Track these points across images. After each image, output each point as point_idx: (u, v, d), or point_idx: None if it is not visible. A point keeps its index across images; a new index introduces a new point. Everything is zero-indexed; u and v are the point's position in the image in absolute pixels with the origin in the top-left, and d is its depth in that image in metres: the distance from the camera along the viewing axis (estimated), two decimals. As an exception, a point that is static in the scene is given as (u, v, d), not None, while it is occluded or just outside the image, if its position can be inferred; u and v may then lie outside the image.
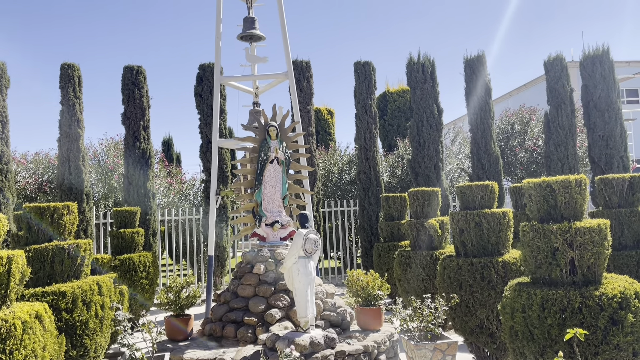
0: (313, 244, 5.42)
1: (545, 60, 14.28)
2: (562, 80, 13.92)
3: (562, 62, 14.05)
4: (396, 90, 24.93)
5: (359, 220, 14.45)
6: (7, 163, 12.06)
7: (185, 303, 6.08)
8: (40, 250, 5.69)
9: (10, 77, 12.37)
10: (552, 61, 14.12)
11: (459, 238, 6.36)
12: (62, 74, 12.89)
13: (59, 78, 12.88)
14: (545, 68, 14.27)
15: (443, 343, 5.24)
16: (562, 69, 13.99)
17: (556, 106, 13.87)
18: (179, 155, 29.76)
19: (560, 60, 14.07)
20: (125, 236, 10.03)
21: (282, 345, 5.08)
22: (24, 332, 3.91)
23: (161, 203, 16.47)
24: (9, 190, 12.00)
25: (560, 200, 4.59)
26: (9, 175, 12.06)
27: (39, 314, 4.21)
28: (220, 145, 9.38)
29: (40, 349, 4.07)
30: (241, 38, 9.54)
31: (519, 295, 4.57)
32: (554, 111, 13.90)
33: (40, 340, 4.09)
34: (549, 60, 14.20)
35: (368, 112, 14.50)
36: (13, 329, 3.82)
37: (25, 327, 3.94)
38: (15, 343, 3.82)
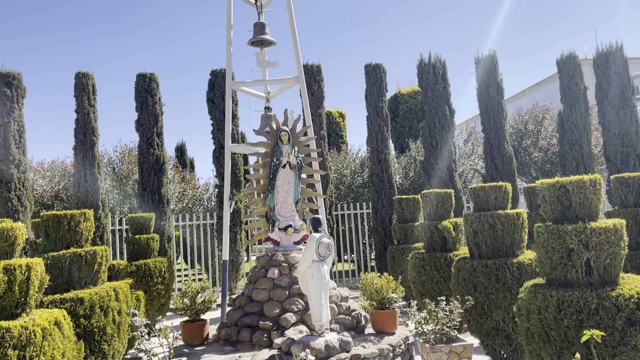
0: (326, 247, 5.44)
1: (558, 59, 14.18)
2: (575, 79, 13.80)
3: (575, 60, 13.94)
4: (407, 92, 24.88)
5: (372, 223, 14.43)
6: (25, 172, 12.25)
7: (200, 308, 6.13)
8: (58, 257, 5.77)
9: (26, 87, 12.59)
10: (565, 59, 14.01)
11: (473, 240, 6.33)
12: (77, 83, 13.07)
13: (74, 87, 13.07)
14: (558, 66, 14.16)
15: (459, 346, 5.22)
16: (576, 67, 13.87)
17: (570, 104, 13.75)
18: (192, 160, 29.98)
19: (573, 58, 13.95)
20: (140, 242, 10.11)
21: (297, 349, 5.10)
22: (44, 339, 3.98)
23: (175, 208, 16.61)
24: (27, 198, 12.19)
25: (574, 200, 4.55)
26: (27, 183, 12.25)
27: (58, 320, 4.28)
28: (233, 150, 9.45)
29: (60, 355, 4.13)
30: (252, 43, 9.61)
31: (535, 296, 4.54)
32: (567, 110, 13.78)
33: (60, 346, 4.16)
34: (561, 58, 14.10)
35: (379, 114, 14.49)
36: (33, 336, 3.89)
37: (45, 333, 4.00)
38: (35, 350, 3.88)
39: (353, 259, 17.27)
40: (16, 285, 4.00)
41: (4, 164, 11.94)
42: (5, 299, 3.95)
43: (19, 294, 4.03)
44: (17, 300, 4.02)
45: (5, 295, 3.95)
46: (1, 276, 3.92)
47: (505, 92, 14.24)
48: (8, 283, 3.96)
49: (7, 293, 3.95)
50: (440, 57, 14.39)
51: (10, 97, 12.16)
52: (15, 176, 11.99)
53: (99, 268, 6.08)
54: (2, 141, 12.01)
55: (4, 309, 3.97)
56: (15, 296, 4.00)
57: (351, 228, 15.68)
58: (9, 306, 3.99)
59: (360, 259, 15.18)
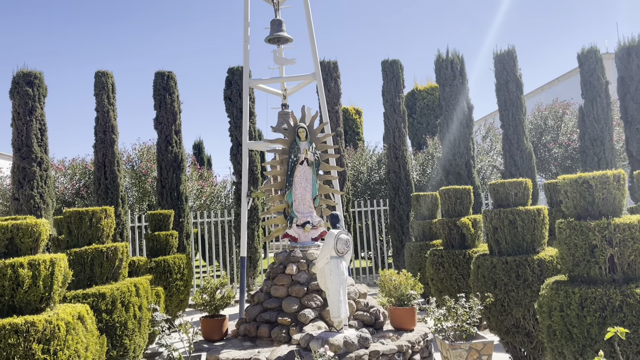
0: (345, 244, 5.44)
1: (578, 53, 13.96)
2: (596, 73, 13.57)
3: (596, 54, 13.70)
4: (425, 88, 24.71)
5: (390, 220, 14.38)
6: (47, 169, 12.46)
7: (219, 304, 6.17)
8: (81, 253, 5.86)
9: (47, 86, 12.79)
10: (586, 53, 13.79)
11: (493, 236, 6.27)
12: (97, 82, 13.25)
13: (94, 85, 13.25)
14: (579, 61, 13.94)
15: (479, 343, 5.18)
16: (597, 61, 13.64)
17: (591, 99, 13.53)
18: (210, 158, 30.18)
19: (595, 52, 13.72)
20: (159, 239, 10.22)
21: (316, 345, 5.11)
22: (67, 333, 4.04)
23: (193, 205, 16.74)
24: (49, 196, 12.40)
25: (597, 196, 4.48)
26: (49, 181, 12.46)
27: (81, 315, 4.34)
28: (250, 147, 9.49)
29: (83, 349, 4.19)
30: (269, 41, 9.63)
31: (557, 293, 4.48)
32: (588, 105, 13.56)
33: (83, 340, 4.22)
34: (582, 52, 13.87)
35: (396, 110, 14.42)
36: (57, 330, 3.95)
37: (69, 328, 4.06)
38: (59, 343, 3.94)
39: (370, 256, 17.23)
40: (40, 280, 4.06)
41: (26, 162, 12.15)
42: (30, 294, 4.02)
43: (43, 289, 4.09)
44: (42, 295, 4.09)
45: (30, 290, 4.01)
46: (26, 271, 3.99)
47: (524, 88, 14.08)
48: (33, 278, 4.03)
49: (31, 288, 4.02)
50: (458, 52, 14.28)
51: (32, 96, 12.36)
52: (37, 174, 12.20)
53: (119, 264, 6.16)
54: (24, 139, 12.22)
55: (29, 303, 4.04)
56: (40, 291, 4.07)
57: (368, 225, 15.65)
58: (34, 301, 4.05)
59: (377, 256, 15.14)
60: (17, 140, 12.27)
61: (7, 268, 3.94)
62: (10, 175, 13.76)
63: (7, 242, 4.19)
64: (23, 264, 4.01)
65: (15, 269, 3.96)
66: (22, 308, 4.02)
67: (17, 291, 3.97)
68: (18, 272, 3.96)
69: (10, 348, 3.73)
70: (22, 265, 3.99)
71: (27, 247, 4.25)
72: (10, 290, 3.95)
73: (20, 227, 4.20)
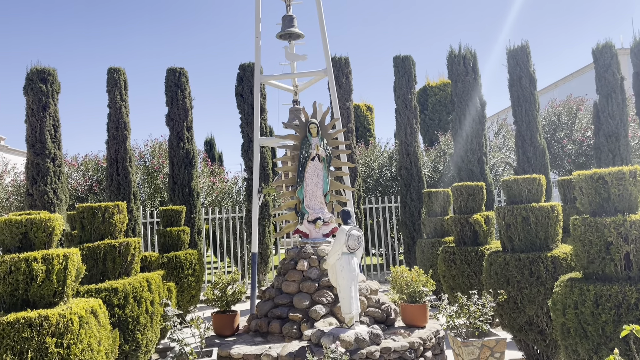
0: (356, 240, 5.42)
1: (593, 48, 13.79)
2: (612, 68, 13.39)
3: (611, 49, 13.52)
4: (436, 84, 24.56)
5: (401, 217, 14.32)
6: (60, 165, 12.57)
7: (231, 299, 6.19)
8: (93, 248, 5.90)
9: (60, 83, 12.88)
10: (600, 49, 13.61)
11: (506, 233, 6.21)
12: (109, 78, 13.32)
13: (106, 82, 13.32)
14: (594, 56, 13.77)
15: (491, 340, 5.13)
16: (612, 57, 13.46)
17: (606, 95, 13.35)
18: (221, 154, 30.29)
19: (610, 47, 13.54)
20: (171, 234, 10.27)
21: (327, 341, 5.10)
22: (81, 327, 4.07)
23: (205, 202, 16.81)
24: (62, 191, 12.51)
25: (613, 192, 4.41)
26: (62, 177, 12.57)
27: (94, 309, 4.37)
28: (261, 143, 9.48)
29: (96, 343, 4.22)
30: (280, 37, 9.61)
31: (571, 291, 4.43)
32: (603, 101, 13.38)
33: (96, 334, 4.25)
34: (597, 48, 13.70)
35: (408, 106, 14.34)
36: (70, 324, 3.98)
37: (82, 322, 4.10)
38: (72, 337, 3.98)
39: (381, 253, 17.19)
40: (54, 275, 4.10)
41: (40, 158, 12.27)
42: (44, 288, 4.06)
43: (57, 283, 4.13)
44: (55, 289, 4.12)
45: (44, 284, 4.05)
46: (40, 265, 4.03)
47: (537, 83, 13.92)
48: (46, 272, 4.06)
49: (45, 282, 4.05)
50: (471, 48, 14.16)
51: (46, 93, 12.46)
52: (51, 170, 12.31)
53: (132, 259, 6.20)
54: (38, 136, 12.33)
55: (43, 297, 4.07)
56: (53, 285, 4.10)
57: (379, 222, 15.60)
58: (47, 295, 4.09)
59: (388, 253, 15.09)
60: (30, 136, 12.38)
61: (21, 262, 3.98)
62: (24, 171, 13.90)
63: (21, 236, 4.22)
64: (37, 258, 4.05)
65: (29, 264, 4.00)
66: (35, 302, 4.06)
67: (31, 285, 4.00)
68: (32, 266, 3.99)
69: (24, 341, 3.77)
70: (35, 259, 4.03)
71: (40, 242, 4.28)
72: (24, 284, 3.99)
73: (34, 221, 4.24)
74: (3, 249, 4.26)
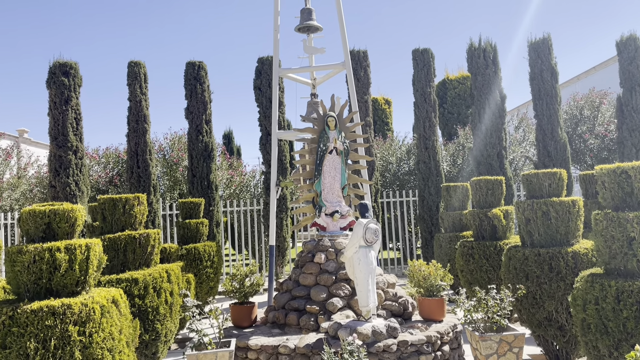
0: (373, 233, 5.41)
1: (617, 40, 13.51)
2: (636, 61, 13.11)
3: (636, 41, 13.23)
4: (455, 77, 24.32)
5: (419, 211, 14.26)
6: (82, 158, 12.77)
7: (249, 291, 6.24)
8: (114, 239, 6.00)
9: (82, 76, 13.07)
10: (625, 41, 13.33)
11: (525, 228, 6.15)
12: (129, 72, 13.47)
13: (127, 75, 13.47)
14: (618, 49, 13.49)
15: (509, 335, 5.10)
16: (637, 49, 13.18)
17: (630, 89, 13.08)
18: (239, 148, 30.44)
19: (634, 39, 13.25)
20: (190, 226, 10.39)
21: (344, 333, 5.12)
22: (102, 316, 4.14)
23: (223, 195, 16.93)
24: (84, 184, 12.72)
25: (636, 186, 4.34)
26: (84, 169, 12.78)
27: (115, 299, 4.44)
28: (279, 137, 9.50)
29: (117, 332, 4.30)
30: (299, 30, 9.60)
31: (592, 286, 4.37)
32: (627, 94, 13.12)
33: (117, 323, 4.32)
34: (621, 40, 13.42)
35: (427, 100, 14.23)
36: (92, 313, 4.06)
37: (103, 311, 4.17)
38: (94, 326, 4.05)
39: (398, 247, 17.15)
40: (76, 264, 4.17)
41: (62, 150, 12.48)
42: (67, 277, 4.13)
43: (79, 273, 4.20)
44: (78, 278, 4.20)
45: (67, 273, 4.12)
46: (63, 255, 4.10)
47: (559, 77, 13.70)
48: (69, 262, 4.14)
49: (68, 271, 4.13)
50: (491, 40, 13.99)
51: (68, 86, 12.66)
52: (73, 162, 12.52)
53: (151, 250, 6.28)
54: (60, 128, 12.55)
55: (65, 286, 4.15)
56: (76, 274, 4.18)
57: (396, 216, 15.55)
58: (70, 284, 4.17)
59: (405, 247, 15.05)
60: (53, 129, 12.60)
61: (45, 252, 4.06)
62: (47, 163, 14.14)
63: (44, 226, 4.30)
64: (60, 248, 4.12)
65: (52, 253, 4.07)
66: (59, 291, 4.14)
67: (54, 275, 4.08)
68: (55, 256, 4.07)
69: (48, 329, 3.85)
70: (59, 249, 4.11)
71: (63, 232, 4.36)
72: (47, 273, 4.07)
73: (57, 212, 4.31)
74: (27, 238, 4.35)
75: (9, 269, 4.11)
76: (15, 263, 4.04)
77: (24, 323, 3.82)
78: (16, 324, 3.83)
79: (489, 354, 4.97)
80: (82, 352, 3.97)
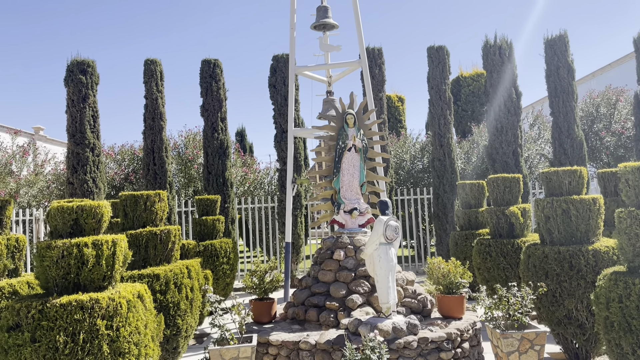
0: (394, 230, 5.43)
1: (634, 37, 13.38)
2: (654, 58, 12.97)
3: (654, 38, 13.09)
4: (470, 75, 24.18)
5: (433, 208, 14.23)
6: (99, 155, 12.91)
7: (269, 287, 6.29)
8: (136, 235, 6.08)
9: (99, 74, 13.20)
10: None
11: (545, 225, 6.13)
12: (146, 70, 13.57)
13: (143, 73, 13.58)
14: (635, 45, 13.36)
15: (531, 332, 5.09)
16: (655, 45, 13.03)
17: (648, 85, 12.94)
18: (252, 145, 30.54)
19: (653, 35, 13.11)
20: (207, 223, 10.48)
21: (365, 330, 5.15)
22: (129, 311, 4.21)
23: (237, 192, 17.02)
24: (101, 180, 12.86)
25: (661, 184, 4.31)
26: (100, 166, 12.92)
27: (141, 294, 4.51)
28: (296, 134, 9.54)
29: (143, 327, 4.37)
30: (314, 27, 9.61)
31: (615, 284, 4.36)
32: (645, 91, 12.98)
33: (142, 318, 4.39)
34: (639, 36, 13.27)
35: (442, 97, 14.18)
36: (119, 307, 4.13)
37: (130, 305, 4.24)
38: (121, 320, 4.12)
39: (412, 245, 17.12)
40: (103, 260, 4.24)
41: (80, 147, 12.63)
42: (94, 272, 4.20)
43: (106, 268, 4.27)
44: (104, 273, 4.27)
45: (94, 268, 4.20)
46: (90, 250, 4.18)
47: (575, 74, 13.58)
48: (96, 257, 4.21)
49: (95, 267, 4.20)
50: (507, 37, 13.91)
51: (85, 84, 12.79)
52: (90, 159, 12.67)
53: (172, 246, 6.36)
54: (78, 126, 12.69)
55: (93, 281, 4.23)
56: (103, 270, 4.25)
57: (411, 213, 15.53)
58: (97, 279, 4.24)
59: (419, 244, 15.03)
60: (71, 126, 12.75)
61: (73, 247, 4.13)
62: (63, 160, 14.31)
63: (72, 222, 4.38)
64: (87, 243, 4.19)
65: (80, 249, 4.15)
66: (86, 286, 4.21)
67: (82, 269, 4.16)
68: (83, 251, 4.14)
69: (76, 323, 3.92)
70: (86, 244, 4.18)
71: (90, 228, 4.44)
72: (75, 268, 4.14)
73: (84, 208, 4.39)
74: (54, 234, 4.42)
75: (38, 264, 4.19)
76: (45, 258, 4.12)
77: (54, 317, 3.90)
78: (45, 318, 3.90)
79: (511, 351, 4.98)
80: (110, 346, 4.04)
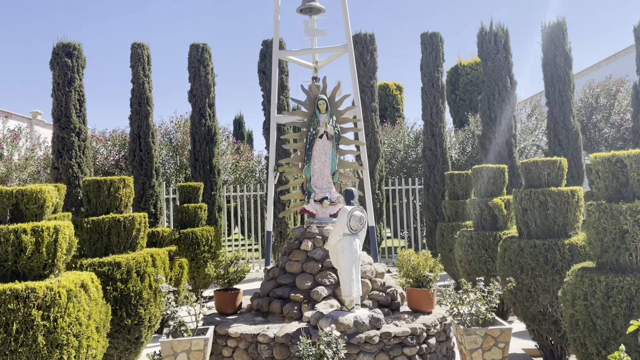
0: (358, 221, 5.22)
1: (635, 26, 12.99)
2: (654, 47, 12.59)
3: (654, 26, 12.70)
4: (469, 63, 23.79)
5: (424, 199, 14.00)
6: (85, 140, 12.73)
7: (233, 277, 6.10)
8: (98, 222, 5.89)
9: (86, 57, 12.97)
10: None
11: (522, 218, 5.91)
12: (133, 53, 13.33)
13: (130, 57, 13.34)
14: (635, 34, 12.99)
15: (495, 329, 4.88)
16: (655, 35, 12.65)
17: (646, 76, 12.59)
18: (251, 133, 30.29)
19: (653, 24, 12.72)
20: (188, 211, 10.30)
21: (324, 323, 4.96)
22: (69, 301, 4.03)
23: (229, 179, 16.82)
24: (87, 166, 12.69)
25: (632, 176, 4.07)
26: (87, 151, 12.74)
27: (85, 283, 4.33)
28: (278, 121, 9.28)
29: (85, 317, 4.19)
30: (300, 11, 9.32)
31: (582, 281, 4.14)
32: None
33: (85, 308, 4.21)
34: (639, 26, 12.88)
35: (435, 85, 13.88)
36: (57, 297, 3.95)
37: (70, 295, 4.05)
38: (59, 310, 3.94)
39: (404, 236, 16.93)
40: (44, 247, 4.06)
41: (65, 132, 12.45)
42: (33, 260, 4.03)
43: (47, 256, 4.09)
44: (45, 261, 4.09)
45: (33, 256, 4.02)
46: (29, 237, 3.99)
47: (575, 64, 13.26)
48: (36, 244, 4.02)
49: (34, 254, 4.02)
50: (503, 25, 13.55)
51: (71, 67, 12.58)
52: (75, 144, 12.49)
53: (137, 234, 6.17)
54: (63, 110, 12.50)
55: (32, 269, 4.05)
56: (43, 257, 4.07)
57: (402, 204, 15.30)
58: (37, 267, 4.07)
59: (411, 235, 14.82)
60: (56, 110, 12.56)
61: (10, 233, 3.95)
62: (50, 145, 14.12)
63: (12, 207, 4.20)
64: (26, 230, 4.01)
65: (18, 235, 3.96)
66: (25, 274, 4.03)
67: (20, 257, 3.98)
68: (21, 238, 3.96)
69: (10, 313, 3.75)
70: (25, 231, 3.99)
71: (32, 214, 4.25)
72: (13, 255, 3.96)
73: (25, 193, 4.20)
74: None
75: (-26, 251, 4.01)
76: (-21, 244, 3.94)
77: (-15, 306, 3.72)
78: (-23, 307, 3.73)
79: (473, 348, 4.77)
80: (46, 337, 3.87)
